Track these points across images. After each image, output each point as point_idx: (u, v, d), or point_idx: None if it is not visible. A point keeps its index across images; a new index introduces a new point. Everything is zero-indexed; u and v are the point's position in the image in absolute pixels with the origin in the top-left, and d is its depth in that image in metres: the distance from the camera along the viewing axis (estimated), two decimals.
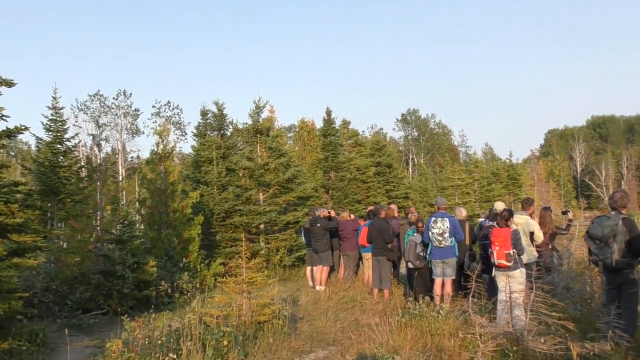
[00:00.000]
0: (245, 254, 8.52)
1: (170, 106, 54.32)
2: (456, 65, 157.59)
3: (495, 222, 8.43)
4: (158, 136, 14.65)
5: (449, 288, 9.52)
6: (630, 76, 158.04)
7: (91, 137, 43.40)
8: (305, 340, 7.75)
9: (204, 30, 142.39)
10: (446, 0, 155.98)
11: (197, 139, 19.06)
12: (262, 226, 15.84)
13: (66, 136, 15.57)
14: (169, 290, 10.84)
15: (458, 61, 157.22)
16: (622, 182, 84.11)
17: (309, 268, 12.88)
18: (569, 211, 10.82)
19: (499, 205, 10.03)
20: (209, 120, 18.77)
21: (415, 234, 9.94)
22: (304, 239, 13.25)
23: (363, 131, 79.12)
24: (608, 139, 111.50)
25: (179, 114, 55.39)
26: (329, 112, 22.90)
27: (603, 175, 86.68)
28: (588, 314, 8.08)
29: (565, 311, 7.67)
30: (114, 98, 48.07)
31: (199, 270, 13.06)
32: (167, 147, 14.44)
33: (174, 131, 53.43)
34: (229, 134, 19.15)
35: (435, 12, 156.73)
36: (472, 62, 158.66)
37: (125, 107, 48.31)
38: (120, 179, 38.85)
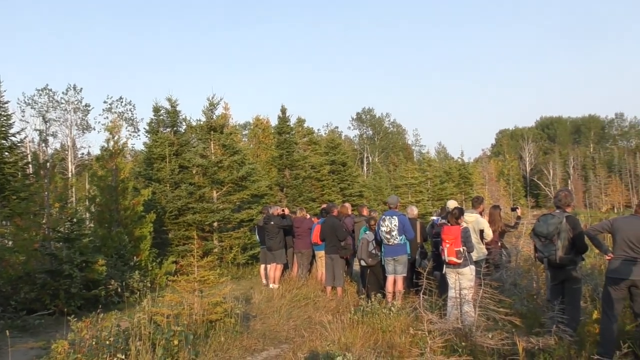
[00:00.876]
0: (198, 252, 8.43)
1: (122, 102, 53.15)
2: (411, 65, 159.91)
3: (447, 220, 8.57)
4: (108, 132, 14.32)
5: (400, 285, 9.61)
6: (577, 79, 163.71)
7: (37, 132, 42.08)
8: (257, 339, 7.71)
9: (158, 25, 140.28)
10: (400, 1, 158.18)
11: (149, 136, 18.72)
12: (215, 224, 15.70)
13: (11, 131, 15.06)
14: (119, 290, 10.62)
15: (413, 62, 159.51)
16: (569, 182, 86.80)
17: (262, 266, 12.82)
18: (518, 208, 11.08)
19: (452, 204, 10.21)
20: (161, 117, 18.46)
21: (367, 232, 10.02)
22: (257, 237, 13.19)
23: (318, 129, 79.32)
24: (556, 140, 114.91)
25: (132, 110, 54.25)
26: (283, 110, 22.88)
27: (551, 174, 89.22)
28: (534, 309, 8.29)
29: (512, 307, 7.88)
30: (63, 93, 46.76)
31: (150, 268, 12.84)
32: (119, 144, 14.14)
33: (126, 127, 52.27)
34: (182, 130, 18.88)
35: (391, 13, 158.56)
36: (426, 62, 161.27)
37: (75, 103, 47.04)
38: (70, 175, 37.80)
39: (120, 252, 12.37)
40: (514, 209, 11.12)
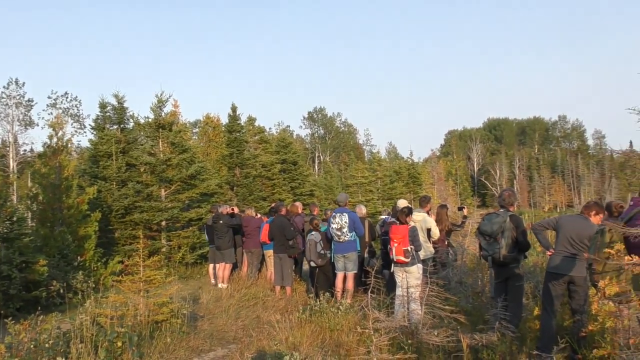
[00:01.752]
0: (144, 251, 8.25)
1: (67, 97, 51.53)
2: (363, 65, 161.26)
3: (397, 219, 8.65)
4: (52, 129, 13.85)
5: (350, 283, 9.65)
6: (523, 82, 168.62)
7: None
8: (204, 339, 7.63)
9: (105, 19, 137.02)
10: (352, 2, 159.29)
11: (95, 133, 18.22)
12: (163, 223, 15.44)
13: None
14: (62, 291, 10.28)
15: (365, 62, 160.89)
16: (515, 182, 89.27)
17: (211, 265, 12.70)
18: (464, 207, 11.33)
19: (402, 203, 10.35)
20: (108, 114, 17.98)
21: (313, 233, 10.03)
22: (206, 236, 13.05)
23: (270, 128, 79.25)
24: (502, 141, 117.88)
25: (78, 106, 52.68)
26: (234, 108, 22.64)
27: (497, 174, 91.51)
28: (479, 306, 8.48)
29: (457, 304, 8.04)
30: (4, 87, 45.03)
31: (95, 269, 12.51)
32: (62, 140, 13.70)
33: (71, 124, 50.68)
34: (129, 128, 18.44)
35: (340, 14, 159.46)
36: (378, 63, 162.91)
37: (18, 97, 45.34)
38: (11, 173, 36.41)
39: (63, 252, 12.00)
40: (460, 209, 11.35)
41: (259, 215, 13.10)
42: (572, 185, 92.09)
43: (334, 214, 9.70)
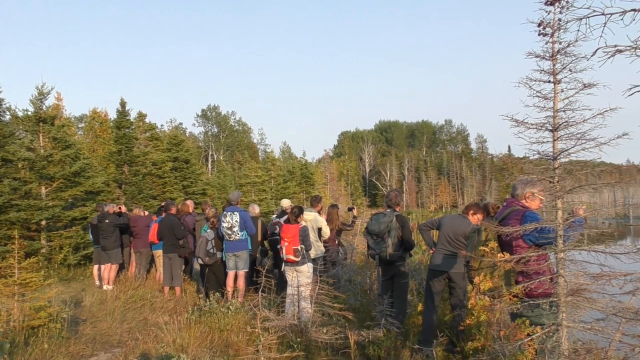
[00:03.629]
0: (20, 252, 7.72)
1: None
2: (258, 65, 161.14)
3: (284, 219, 8.70)
4: None
5: (241, 282, 9.57)
6: (412, 87, 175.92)
7: None
8: (86, 344, 7.26)
9: None
10: (249, 3, 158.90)
11: None
12: (43, 222, 14.56)
13: None
14: None
15: (260, 61, 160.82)
16: (404, 182, 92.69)
17: (95, 266, 12.15)
18: (354, 208, 11.56)
19: (285, 203, 10.46)
20: None
21: (207, 231, 9.88)
22: (91, 236, 12.48)
23: (161, 125, 77.24)
24: (393, 143, 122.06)
25: None
26: (123, 103, 21.78)
27: (388, 175, 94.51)
28: (366, 303, 8.71)
29: (346, 302, 8.22)
30: None
31: None
32: None
33: None
34: (6, 120, 17.20)
35: (238, 13, 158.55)
36: (273, 63, 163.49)
37: None
38: None
39: None
40: (350, 209, 11.58)
41: (146, 213, 12.70)
42: (457, 187, 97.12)
43: (225, 212, 9.60)
